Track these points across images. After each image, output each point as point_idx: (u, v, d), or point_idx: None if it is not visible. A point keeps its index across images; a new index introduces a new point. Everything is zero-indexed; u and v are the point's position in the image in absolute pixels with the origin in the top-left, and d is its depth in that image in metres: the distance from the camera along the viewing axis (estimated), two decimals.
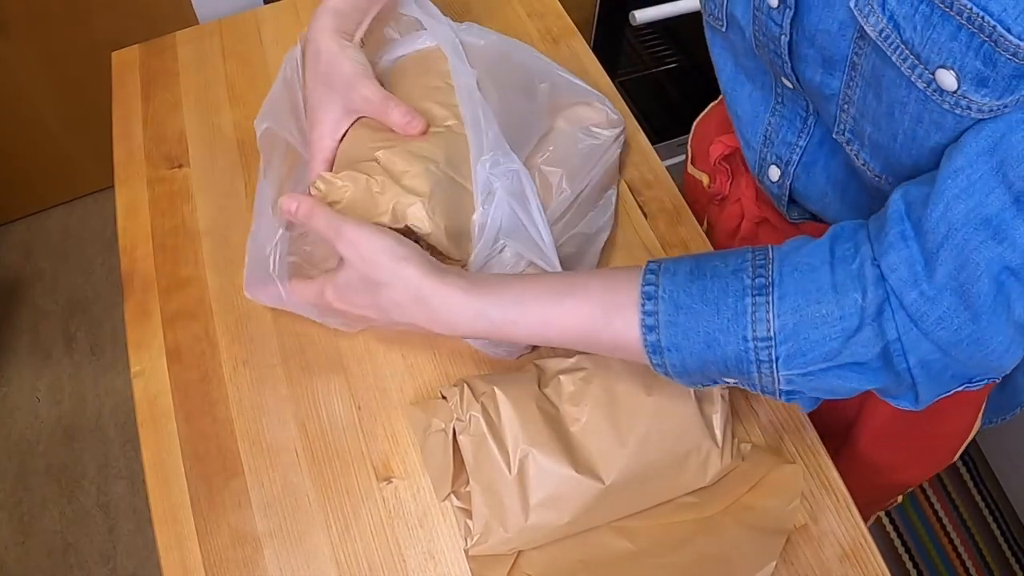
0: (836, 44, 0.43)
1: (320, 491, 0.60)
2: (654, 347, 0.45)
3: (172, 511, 0.59)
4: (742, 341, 0.42)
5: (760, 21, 0.49)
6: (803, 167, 0.56)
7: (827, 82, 0.47)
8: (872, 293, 0.40)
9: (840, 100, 0.46)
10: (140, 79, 0.84)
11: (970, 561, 1.41)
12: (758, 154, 0.59)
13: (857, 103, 0.45)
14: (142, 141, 0.79)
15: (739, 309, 0.42)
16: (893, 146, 0.45)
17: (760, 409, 0.62)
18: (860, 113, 0.46)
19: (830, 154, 0.55)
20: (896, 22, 0.38)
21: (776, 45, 0.48)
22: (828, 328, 0.41)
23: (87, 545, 1.42)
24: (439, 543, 0.58)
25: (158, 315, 0.68)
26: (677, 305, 0.44)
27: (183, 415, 0.63)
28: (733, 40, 0.56)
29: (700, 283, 0.44)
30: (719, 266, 0.44)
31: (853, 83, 0.44)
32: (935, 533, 1.44)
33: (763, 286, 0.42)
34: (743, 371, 0.44)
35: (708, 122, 0.79)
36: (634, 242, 0.71)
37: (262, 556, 0.57)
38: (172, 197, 0.75)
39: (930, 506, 1.46)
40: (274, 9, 0.89)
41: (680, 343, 0.44)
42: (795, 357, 0.42)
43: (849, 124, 0.47)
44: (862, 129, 0.46)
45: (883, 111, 0.43)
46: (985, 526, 1.44)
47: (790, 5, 0.45)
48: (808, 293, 0.41)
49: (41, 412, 1.56)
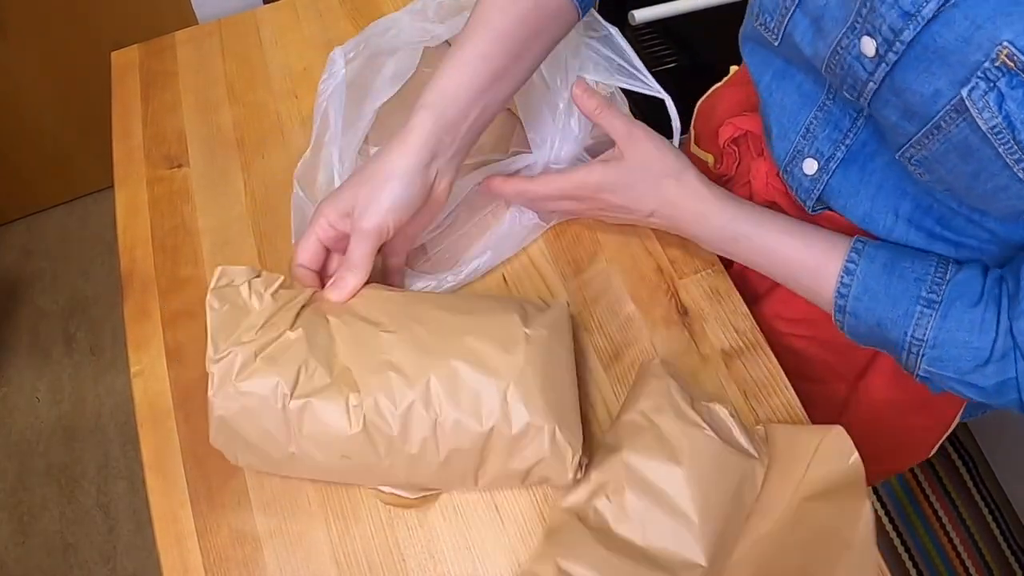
0: (925, 105, 0.43)
1: (319, 490, 0.60)
2: (840, 308, 0.56)
3: (172, 511, 0.59)
4: (903, 334, 0.53)
5: (842, 59, 0.48)
6: (843, 164, 0.57)
7: (903, 125, 0.46)
8: (1002, 340, 0.50)
9: (913, 142, 0.47)
10: (139, 79, 0.84)
11: (970, 561, 1.41)
12: (793, 145, 0.59)
13: (934, 152, 0.46)
14: (142, 141, 0.79)
15: (909, 312, 0.53)
16: (967, 194, 0.48)
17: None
18: (936, 160, 0.46)
19: (870, 156, 0.56)
20: (1011, 123, 0.40)
21: (857, 84, 0.48)
22: (965, 352, 0.51)
23: (87, 545, 1.42)
24: (439, 543, 0.58)
25: (158, 315, 0.68)
26: (866, 287, 0.55)
27: (183, 415, 0.63)
28: (783, 52, 0.56)
29: (888, 278, 0.54)
30: (907, 268, 0.54)
31: (933, 138, 0.45)
32: (935, 533, 1.44)
33: (933, 302, 0.52)
34: (895, 351, 0.55)
35: (712, 104, 0.79)
36: (632, 241, 0.71)
37: (262, 556, 0.57)
38: (172, 197, 0.75)
39: (930, 506, 1.46)
40: (273, 9, 0.89)
41: (859, 314, 0.55)
42: (935, 361, 0.53)
43: (918, 158, 0.47)
44: (933, 167, 0.47)
45: (967, 171, 0.45)
46: (985, 526, 1.44)
47: (889, 62, 0.44)
48: (961, 322, 0.51)
49: (41, 412, 1.56)
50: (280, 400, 0.53)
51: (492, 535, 0.58)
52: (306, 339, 0.54)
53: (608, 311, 0.67)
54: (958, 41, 0.40)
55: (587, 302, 0.68)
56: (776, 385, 0.64)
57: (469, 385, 0.53)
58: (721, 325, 0.67)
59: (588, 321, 0.67)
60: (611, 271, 0.70)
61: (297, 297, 0.57)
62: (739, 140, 0.70)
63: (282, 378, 0.53)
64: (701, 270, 0.69)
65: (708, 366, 0.65)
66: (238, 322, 0.55)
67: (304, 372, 0.53)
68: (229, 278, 0.56)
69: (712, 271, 0.69)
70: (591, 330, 0.67)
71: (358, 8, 0.89)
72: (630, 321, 0.67)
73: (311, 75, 0.83)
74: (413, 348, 0.55)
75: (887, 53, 0.44)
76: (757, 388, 0.64)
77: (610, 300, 0.68)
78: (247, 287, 0.56)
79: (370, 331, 0.56)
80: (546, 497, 0.59)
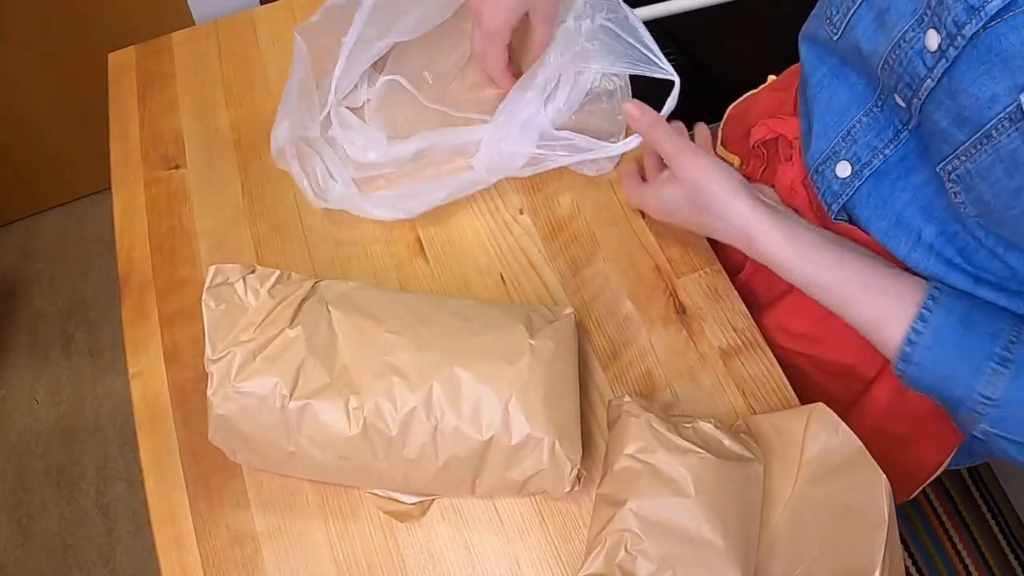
0: (980, 111, 0.43)
1: (318, 491, 0.60)
2: (905, 356, 0.53)
3: (171, 512, 0.59)
4: (970, 390, 0.50)
5: (903, 54, 0.48)
6: (877, 174, 0.57)
7: (952, 133, 0.46)
8: None
9: (959, 152, 0.46)
10: (136, 80, 0.83)
11: (970, 560, 1.41)
12: (831, 145, 0.59)
13: (979, 164, 0.45)
14: (139, 142, 0.79)
15: (982, 368, 0.50)
16: (1003, 214, 0.46)
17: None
18: (979, 173, 0.46)
19: (907, 172, 0.55)
20: None
21: (914, 82, 0.48)
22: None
23: (86, 546, 1.42)
24: (438, 543, 0.58)
25: (156, 316, 0.68)
26: (940, 338, 0.52)
27: (181, 416, 0.63)
28: (840, 48, 0.56)
29: (964, 330, 0.51)
30: (982, 323, 0.51)
31: (981, 147, 0.44)
32: (935, 533, 1.44)
33: (1006, 360, 0.50)
34: (954, 406, 0.52)
35: (746, 108, 0.79)
36: (630, 240, 0.71)
37: (261, 556, 0.57)
38: (169, 198, 0.75)
39: (930, 506, 1.46)
40: (270, 9, 0.89)
41: (927, 365, 0.52)
42: (999, 421, 0.50)
43: (960, 171, 0.47)
44: (974, 183, 0.46)
45: (1009, 186, 0.44)
46: (985, 526, 1.44)
47: (949, 58, 0.44)
48: None
49: (40, 414, 1.56)
50: (279, 400, 0.53)
51: (491, 535, 0.58)
52: (305, 337, 0.54)
53: (606, 310, 0.67)
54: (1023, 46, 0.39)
55: (585, 301, 0.68)
56: (774, 383, 0.64)
57: (471, 393, 0.53)
58: (719, 324, 0.67)
59: (586, 320, 0.67)
60: (609, 270, 0.70)
61: (296, 292, 0.57)
62: (769, 143, 0.70)
63: (281, 378, 0.53)
64: (699, 269, 0.69)
65: (706, 365, 0.65)
66: (235, 321, 0.55)
67: (303, 372, 0.53)
68: (224, 276, 0.56)
69: (710, 270, 0.69)
70: (589, 329, 0.67)
71: None
72: (628, 320, 0.67)
73: None
74: (417, 352, 0.55)
75: (948, 48, 0.44)
76: (755, 386, 0.64)
77: (608, 299, 0.68)
78: (242, 284, 0.56)
79: (373, 328, 0.56)
80: (545, 498, 0.59)
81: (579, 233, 0.72)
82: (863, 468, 0.53)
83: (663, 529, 0.52)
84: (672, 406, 0.63)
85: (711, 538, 0.51)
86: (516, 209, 0.73)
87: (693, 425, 0.56)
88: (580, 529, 0.58)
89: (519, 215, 0.73)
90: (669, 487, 0.53)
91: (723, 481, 0.53)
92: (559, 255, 0.71)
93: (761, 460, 0.56)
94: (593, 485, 0.59)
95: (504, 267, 0.70)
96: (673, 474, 0.53)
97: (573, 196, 0.74)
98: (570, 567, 0.57)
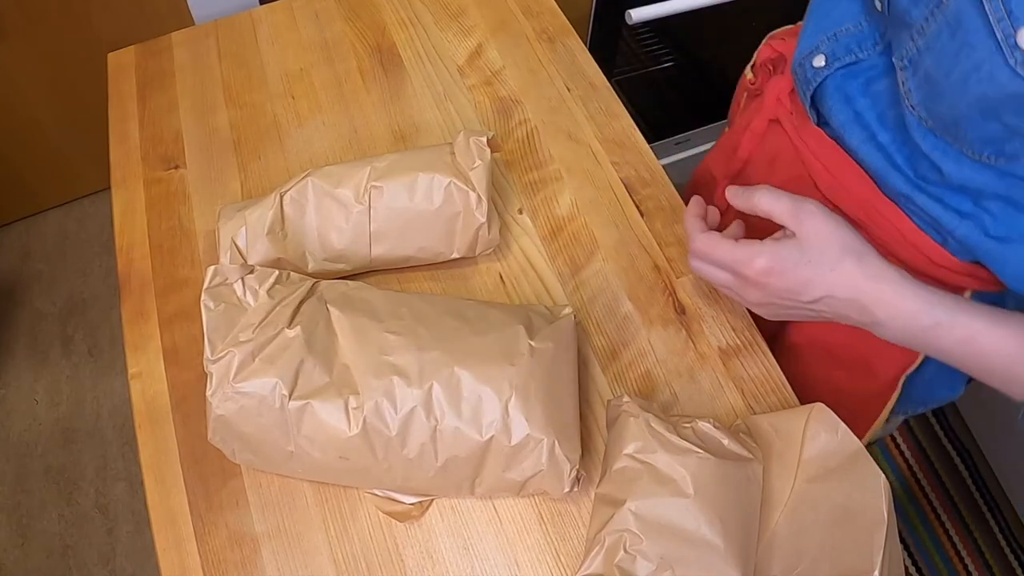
0: None
1: (317, 491, 0.60)
2: None
3: (170, 512, 0.59)
4: None
5: None
6: (847, 73, 0.61)
7: (910, 10, 0.51)
8: None
9: (915, 30, 0.51)
10: (136, 80, 0.83)
11: (970, 560, 1.41)
12: (817, 41, 0.63)
13: (929, 36, 0.49)
14: (139, 142, 0.79)
15: None
16: (943, 84, 0.49)
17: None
18: (927, 46, 0.50)
19: (872, 80, 0.59)
20: None
21: None
22: None
23: (86, 547, 1.42)
24: (437, 543, 0.58)
25: (155, 316, 0.68)
26: None
27: (180, 416, 0.63)
28: None
29: None
30: None
31: (933, 18, 0.49)
32: (935, 533, 1.44)
33: None
34: None
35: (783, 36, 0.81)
36: (630, 239, 0.71)
37: (260, 557, 0.57)
38: (169, 198, 0.75)
39: (930, 505, 1.46)
40: (270, 9, 0.89)
41: None
42: None
43: (912, 54, 0.51)
44: (922, 60, 0.51)
45: (951, 49, 0.47)
46: (985, 526, 1.44)
47: None
48: None
49: (39, 414, 1.56)
50: (279, 400, 0.52)
51: (490, 535, 0.58)
52: (304, 337, 0.54)
53: (605, 310, 0.67)
54: None
55: (584, 301, 0.68)
56: (774, 383, 0.64)
57: (471, 394, 0.53)
58: (719, 324, 0.67)
59: (586, 320, 0.67)
60: (608, 270, 0.70)
61: (295, 292, 0.57)
62: (775, 61, 0.74)
63: (281, 378, 0.53)
64: None
65: (705, 365, 0.65)
66: (234, 321, 0.55)
67: (303, 372, 0.53)
68: (223, 276, 0.56)
69: None
70: (589, 329, 0.67)
71: (354, 9, 0.89)
72: (627, 320, 0.67)
73: (307, 76, 0.83)
74: (417, 352, 0.55)
75: None
76: (755, 386, 0.64)
77: (607, 299, 0.68)
78: (241, 284, 0.56)
79: (373, 327, 0.56)
80: (545, 499, 0.59)
81: (578, 233, 0.72)
82: (862, 468, 0.53)
83: (662, 529, 0.52)
84: (671, 406, 0.63)
85: (710, 538, 0.51)
86: (515, 209, 0.73)
87: (692, 425, 0.56)
88: (579, 529, 0.58)
89: (518, 215, 0.73)
90: (668, 487, 0.53)
91: (722, 481, 0.53)
92: (558, 255, 0.71)
93: (760, 460, 0.56)
94: (592, 485, 0.59)
95: (503, 267, 0.70)
96: (672, 474, 0.53)
97: (572, 196, 0.74)
98: (569, 567, 0.57)
